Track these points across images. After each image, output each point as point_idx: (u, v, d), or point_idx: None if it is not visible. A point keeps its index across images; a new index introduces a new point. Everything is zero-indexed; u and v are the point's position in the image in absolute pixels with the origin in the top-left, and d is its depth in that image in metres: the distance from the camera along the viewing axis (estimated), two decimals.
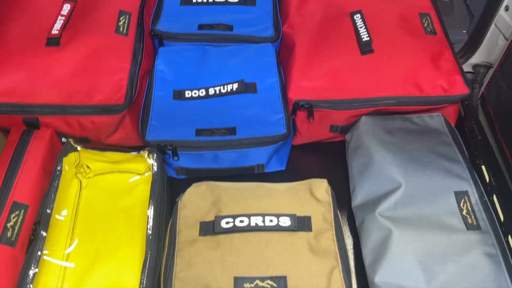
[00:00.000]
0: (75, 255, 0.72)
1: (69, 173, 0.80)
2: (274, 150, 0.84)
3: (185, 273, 0.63)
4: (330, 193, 0.71)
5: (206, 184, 0.72)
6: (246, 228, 0.65)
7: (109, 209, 0.78)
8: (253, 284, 0.61)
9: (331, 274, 0.63)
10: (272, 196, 0.69)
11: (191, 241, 0.66)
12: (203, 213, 0.69)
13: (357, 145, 0.87)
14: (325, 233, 0.66)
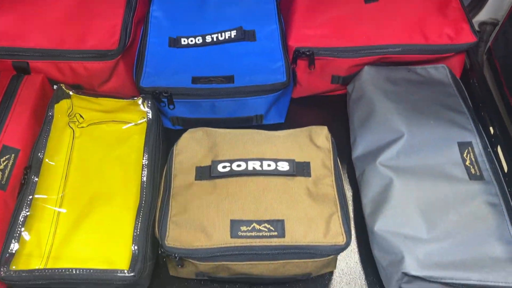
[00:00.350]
0: (69, 201, 0.71)
1: (62, 121, 0.78)
2: (273, 100, 0.82)
3: (180, 217, 0.61)
4: (330, 140, 0.69)
5: (203, 129, 0.70)
6: (243, 172, 0.63)
7: (103, 158, 0.77)
8: (250, 227, 0.60)
9: (330, 219, 0.61)
10: (271, 142, 0.67)
11: (187, 185, 0.64)
12: (199, 158, 0.67)
13: (359, 95, 0.84)
14: (324, 179, 0.65)
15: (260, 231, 0.59)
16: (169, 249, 0.59)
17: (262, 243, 0.59)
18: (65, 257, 0.66)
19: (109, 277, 0.60)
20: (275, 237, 0.59)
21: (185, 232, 0.60)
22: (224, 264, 0.60)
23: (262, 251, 0.59)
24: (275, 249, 0.59)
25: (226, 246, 0.59)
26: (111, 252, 0.66)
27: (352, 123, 0.84)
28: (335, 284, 0.71)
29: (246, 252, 0.59)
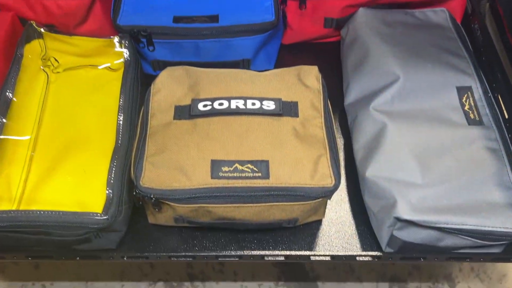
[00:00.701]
0: (42, 145, 0.68)
1: (34, 64, 0.74)
2: (261, 43, 0.77)
3: (157, 157, 0.58)
4: (321, 81, 0.65)
5: (183, 68, 0.65)
6: (225, 111, 0.59)
7: (80, 104, 0.73)
8: (232, 167, 0.56)
9: (318, 160, 0.58)
10: (257, 80, 0.63)
11: (165, 124, 0.60)
12: (178, 97, 0.62)
13: (352, 38, 0.80)
14: (313, 120, 0.61)
15: (243, 171, 0.56)
16: (144, 190, 0.55)
17: (245, 184, 0.56)
18: (38, 201, 0.63)
19: (81, 220, 0.57)
20: (259, 178, 0.56)
21: (163, 173, 0.56)
22: (204, 207, 0.57)
23: (244, 192, 0.56)
24: (258, 191, 0.56)
25: (206, 187, 0.55)
26: (86, 197, 0.63)
27: (345, 69, 0.80)
28: (323, 233, 0.69)
29: (227, 194, 0.56)
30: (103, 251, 0.65)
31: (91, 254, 0.65)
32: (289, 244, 0.68)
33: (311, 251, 0.67)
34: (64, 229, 0.58)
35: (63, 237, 0.59)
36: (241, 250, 0.66)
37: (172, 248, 0.66)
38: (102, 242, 0.63)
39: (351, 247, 0.67)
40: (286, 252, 0.66)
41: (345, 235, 0.69)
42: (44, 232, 0.58)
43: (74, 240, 0.60)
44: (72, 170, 0.66)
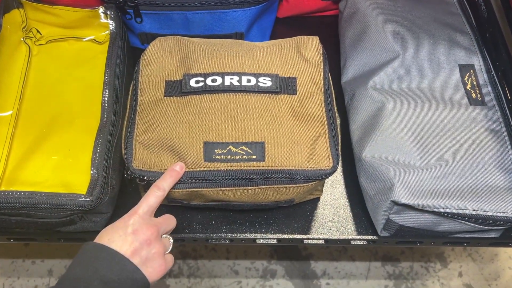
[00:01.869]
0: (24, 122, 0.66)
1: (15, 36, 0.71)
2: (256, 15, 0.75)
3: (147, 135, 0.56)
4: (322, 53, 0.63)
5: (174, 38, 0.63)
6: (219, 88, 0.57)
7: (64, 79, 0.71)
8: (226, 150, 0.55)
9: (316, 141, 0.56)
10: (252, 53, 0.61)
11: (155, 101, 0.58)
12: (169, 71, 0.60)
13: (351, 12, 0.78)
14: (312, 97, 0.59)
15: (236, 154, 0.55)
16: (136, 172, 0.54)
17: (239, 167, 0.55)
18: (20, 181, 0.62)
19: (64, 202, 0.56)
20: (253, 160, 0.55)
21: (154, 154, 0.55)
22: (196, 191, 0.56)
23: (239, 176, 0.55)
24: (253, 174, 0.55)
25: (199, 170, 0.54)
26: (70, 177, 0.61)
27: (343, 44, 0.78)
28: (318, 215, 0.68)
29: (221, 177, 0.55)
30: (88, 233, 0.64)
31: (76, 237, 0.64)
32: (282, 226, 0.67)
33: (304, 234, 0.67)
34: (46, 211, 0.57)
35: (46, 219, 0.58)
36: (232, 233, 0.66)
37: None
38: (87, 224, 0.62)
39: (346, 231, 0.67)
40: (278, 235, 0.66)
41: (339, 218, 0.68)
42: (25, 214, 0.57)
43: (57, 222, 0.59)
44: (56, 148, 0.64)
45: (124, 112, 0.65)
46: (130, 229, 0.48)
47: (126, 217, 0.50)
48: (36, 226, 0.60)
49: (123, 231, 0.48)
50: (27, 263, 1.01)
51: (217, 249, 1.01)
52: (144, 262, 0.48)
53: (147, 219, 0.50)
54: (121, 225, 0.49)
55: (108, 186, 0.58)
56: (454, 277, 0.99)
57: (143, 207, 0.51)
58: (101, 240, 0.48)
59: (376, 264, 1.00)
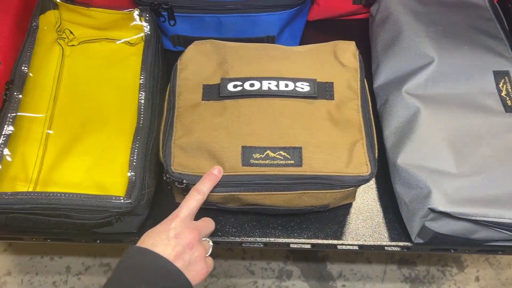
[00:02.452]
0: (58, 123, 0.68)
1: (49, 36, 0.73)
2: (288, 19, 0.76)
3: (186, 139, 0.57)
4: (358, 58, 0.64)
5: (211, 42, 0.64)
6: (257, 92, 0.59)
7: (96, 80, 0.73)
8: (263, 154, 0.56)
9: (354, 147, 0.57)
10: (289, 58, 0.62)
11: (193, 105, 0.60)
12: (206, 75, 0.62)
13: (384, 16, 0.79)
14: (349, 102, 0.60)
15: (274, 159, 0.56)
16: (175, 175, 0.55)
17: (277, 172, 0.56)
18: (55, 182, 0.64)
19: (103, 204, 0.57)
20: (291, 165, 0.56)
21: (192, 157, 0.56)
22: (233, 195, 0.57)
23: (276, 180, 0.56)
24: (291, 179, 0.56)
25: (237, 174, 0.56)
26: (105, 179, 0.63)
27: (375, 49, 0.79)
28: (350, 221, 0.69)
29: (258, 182, 0.56)
30: (123, 235, 0.65)
31: (111, 238, 0.65)
32: (315, 231, 0.68)
33: (338, 239, 0.68)
34: (86, 213, 0.58)
35: (84, 220, 0.60)
36: (265, 237, 0.67)
37: None
38: (123, 226, 0.63)
39: (379, 236, 0.68)
40: (312, 240, 0.67)
41: (372, 224, 0.69)
42: (64, 215, 0.59)
43: (95, 223, 0.60)
44: (89, 149, 0.66)
45: (159, 114, 0.66)
46: (173, 233, 0.50)
47: (168, 221, 0.52)
48: (74, 227, 0.61)
49: (166, 235, 0.50)
50: (46, 260, 1.03)
51: (233, 249, 1.02)
52: (187, 265, 0.49)
53: (188, 223, 0.52)
54: (163, 229, 0.50)
55: (145, 189, 0.59)
56: (471, 281, 0.99)
57: (184, 211, 0.52)
58: (144, 244, 0.49)
59: (392, 267, 1.01)
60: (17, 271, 1.01)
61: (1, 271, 1.01)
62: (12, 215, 0.59)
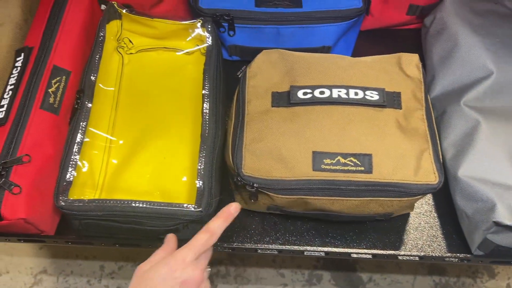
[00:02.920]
0: (120, 131, 0.70)
1: (110, 45, 0.76)
2: (345, 30, 0.78)
3: (256, 145, 0.59)
4: (421, 70, 0.66)
5: (279, 51, 0.67)
6: (327, 100, 0.61)
7: (155, 88, 0.75)
8: (334, 160, 0.58)
9: (421, 155, 0.59)
10: (357, 68, 0.64)
11: (263, 111, 0.62)
12: (275, 83, 0.64)
13: (439, 28, 0.80)
14: (415, 112, 0.62)
15: (345, 165, 0.58)
16: (246, 179, 0.57)
17: (347, 178, 0.57)
18: (120, 188, 0.66)
19: (174, 212, 0.59)
20: (361, 172, 0.57)
21: (263, 162, 0.58)
22: (303, 198, 0.59)
23: (346, 186, 0.57)
24: (361, 185, 0.58)
25: (308, 179, 0.57)
26: (168, 186, 0.65)
27: (430, 60, 0.81)
28: (408, 231, 0.71)
29: (329, 187, 0.58)
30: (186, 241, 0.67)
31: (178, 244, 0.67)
32: (374, 241, 0.70)
33: (398, 250, 0.69)
34: (157, 220, 0.60)
35: (154, 227, 0.62)
36: (325, 246, 0.68)
37: (256, 240, 0.68)
38: (187, 233, 0.65)
39: (438, 247, 0.69)
40: (373, 251, 0.68)
41: (429, 234, 0.70)
42: (135, 222, 0.61)
43: (163, 230, 0.62)
44: (151, 156, 0.68)
45: (223, 123, 0.68)
46: (179, 280, 0.49)
47: (173, 264, 0.50)
48: (142, 233, 0.63)
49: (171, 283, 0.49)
50: (80, 259, 1.05)
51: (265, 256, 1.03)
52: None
53: (194, 265, 0.51)
54: (168, 276, 0.50)
55: (213, 198, 0.61)
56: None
57: (190, 256, 0.51)
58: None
59: (423, 273, 1.01)
60: (53, 269, 1.04)
61: (37, 269, 1.04)
62: (86, 221, 0.61)
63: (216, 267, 1.02)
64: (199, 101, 0.72)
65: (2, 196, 0.56)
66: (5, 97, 0.63)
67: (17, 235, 0.64)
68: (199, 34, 0.76)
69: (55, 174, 0.62)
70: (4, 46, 0.68)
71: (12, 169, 0.58)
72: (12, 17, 0.70)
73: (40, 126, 0.62)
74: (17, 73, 0.65)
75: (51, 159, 0.62)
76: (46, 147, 0.62)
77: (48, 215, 0.63)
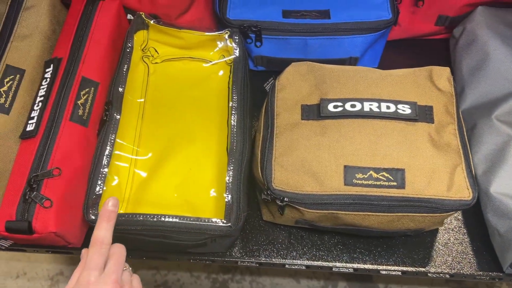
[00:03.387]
0: (146, 143, 0.71)
1: (136, 55, 0.77)
2: (373, 41, 0.79)
3: (286, 158, 0.60)
4: (453, 84, 0.66)
5: (307, 64, 0.67)
6: (358, 113, 0.61)
7: (180, 99, 0.76)
8: (367, 175, 0.58)
9: (454, 170, 0.59)
10: (387, 81, 0.64)
11: (292, 124, 0.62)
12: (304, 95, 0.65)
13: (469, 40, 0.80)
14: (448, 126, 0.62)
15: (377, 179, 0.58)
16: (276, 192, 0.58)
17: (380, 193, 0.58)
18: (145, 201, 0.67)
19: (203, 227, 0.60)
20: (394, 187, 0.58)
21: (293, 176, 0.59)
22: (333, 213, 0.59)
23: (379, 201, 0.58)
24: (393, 201, 0.58)
25: (339, 193, 0.58)
26: (194, 198, 0.66)
27: (459, 71, 0.81)
28: (437, 247, 0.71)
29: (361, 202, 0.58)
30: (214, 254, 0.68)
31: (204, 257, 0.68)
32: (402, 257, 0.70)
33: (426, 267, 0.69)
34: (186, 234, 0.61)
35: (181, 241, 0.62)
36: (353, 262, 0.69)
37: (282, 255, 0.69)
38: (215, 246, 0.66)
39: (468, 264, 0.69)
40: (403, 267, 0.68)
41: (458, 251, 0.71)
42: (163, 235, 0.61)
43: (192, 244, 0.63)
44: (177, 168, 0.69)
45: (249, 135, 0.69)
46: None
47: None
48: (170, 247, 0.64)
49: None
50: None
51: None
52: None
53: (101, 281, 0.47)
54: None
55: (241, 212, 0.61)
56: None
57: (92, 274, 0.47)
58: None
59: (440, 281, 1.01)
60: (69, 271, 1.06)
61: (54, 271, 1.06)
62: (114, 235, 0.61)
63: (232, 272, 1.03)
64: (224, 112, 0.73)
65: (33, 210, 0.58)
66: (35, 109, 0.65)
67: (45, 247, 0.65)
68: (226, 45, 0.77)
69: (83, 186, 0.64)
70: (33, 56, 0.69)
71: (43, 183, 0.59)
72: (41, 28, 0.71)
73: (70, 138, 0.63)
74: (47, 84, 0.67)
75: (80, 171, 0.63)
76: (75, 160, 0.63)
77: (77, 228, 0.64)
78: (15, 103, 0.65)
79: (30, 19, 0.71)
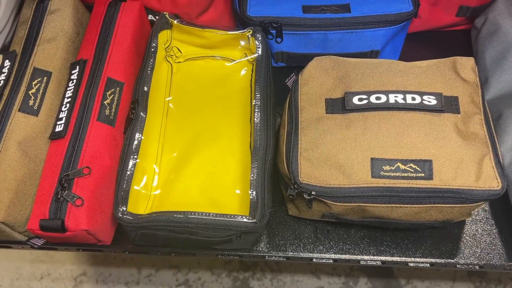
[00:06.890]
0: (170, 141, 0.73)
1: (160, 55, 0.78)
2: (394, 34, 0.79)
3: (312, 152, 0.61)
4: (478, 74, 0.66)
5: (330, 58, 0.68)
6: (383, 105, 0.62)
7: (203, 98, 0.77)
8: (394, 167, 0.59)
9: (482, 160, 0.59)
10: (412, 72, 0.65)
11: (317, 118, 0.63)
12: (328, 89, 0.65)
13: (492, 30, 0.80)
14: (474, 116, 0.62)
15: (405, 171, 0.58)
16: (303, 186, 0.59)
17: (408, 185, 0.58)
18: (170, 198, 0.68)
19: (230, 223, 0.60)
20: (421, 178, 0.58)
21: (319, 169, 0.59)
22: (361, 206, 0.60)
23: (407, 193, 0.58)
24: (421, 192, 0.58)
25: (367, 186, 0.58)
26: (218, 196, 0.67)
27: (482, 62, 0.80)
28: (464, 238, 0.71)
29: (389, 194, 0.58)
30: (239, 250, 0.69)
31: (230, 253, 0.69)
32: (430, 249, 0.70)
33: (455, 258, 0.69)
34: (212, 231, 0.62)
35: (208, 237, 0.63)
36: (381, 254, 0.69)
37: (309, 249, 0.69)
38: (240, 243, 0.66)
39: (497, 255, 0.70)
40: (431, 259, 0.69)
41: (487, 242, 0.71)
42: (190, 232, 0.62)
43: (218, 240, 0.64)
44: (201, 166, 0.70)
45: (273, 132, 0.70)
46: None
47: None
48: (197, 243, 0.65)
49: None
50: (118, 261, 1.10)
51: None
52: None
53: None
54: None
55: (266, 209, 0.62)
56: None
57: None
58: None
59: (462, 276, 1.00)
60: (92, 271, 1.09)
61: (77, 271, 1.09)
62: (142, 232, 0.63)
63: (252, 269, 1.04)
64: (247, 110, 0.74)
65: (65, 209, 0.59)
66: (63, 110, 0.66)
67: (76, 245, 0.67)
68: (248, 44, 0.77)
69: (112, 184, 0.65)
70: (59, 58, 0.71)
71: (74, 182, 0.60)
72: (65, 31, 0.73)
73: (98, 138, 0.64)
74: (73, 86, 0.68)
75: (109, 170, 0.65)
76: (104, 159, 0.64)
77: (107, 226, 0.66)
78: (43, 104, 0.67)
79: (54, 22, 0.73)
